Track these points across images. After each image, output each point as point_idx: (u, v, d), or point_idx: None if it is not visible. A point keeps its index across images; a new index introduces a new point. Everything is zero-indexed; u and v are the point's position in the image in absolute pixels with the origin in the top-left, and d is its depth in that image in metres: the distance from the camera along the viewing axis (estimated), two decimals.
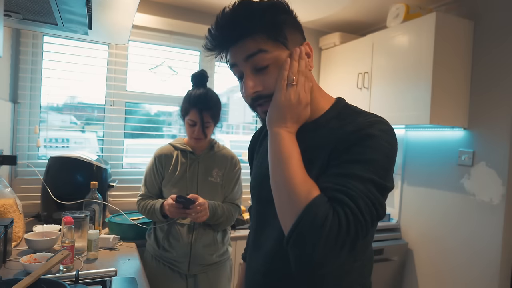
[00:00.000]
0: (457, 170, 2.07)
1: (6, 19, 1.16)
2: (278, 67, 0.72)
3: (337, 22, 2.62)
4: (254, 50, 0.71)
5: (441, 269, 2.14)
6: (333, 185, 0.63)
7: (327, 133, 0.74)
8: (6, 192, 1.53)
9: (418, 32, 1.98)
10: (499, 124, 1.87)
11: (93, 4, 1.01)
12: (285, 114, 0.72)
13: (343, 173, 0.64)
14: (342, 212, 0.60)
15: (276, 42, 0.71)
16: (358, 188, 0.62)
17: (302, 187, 0.64)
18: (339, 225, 0.59)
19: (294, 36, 0.75)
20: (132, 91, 2.34)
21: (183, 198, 1.41)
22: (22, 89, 2.04)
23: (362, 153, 0.65)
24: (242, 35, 0.71)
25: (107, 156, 2.27)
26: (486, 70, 1.96)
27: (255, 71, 0.73)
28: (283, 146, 0.69)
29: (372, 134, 0.66)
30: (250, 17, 0.70)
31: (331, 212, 0.60)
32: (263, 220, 0.85)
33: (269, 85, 0.73)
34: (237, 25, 0.71)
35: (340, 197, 0.61)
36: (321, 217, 0.59)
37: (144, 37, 2.32)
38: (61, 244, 1.33)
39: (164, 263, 1.57)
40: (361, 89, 2.37)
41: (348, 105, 0.80)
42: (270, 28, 0.71)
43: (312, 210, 0.60)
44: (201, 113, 1.50)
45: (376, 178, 0.63)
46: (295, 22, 0.77)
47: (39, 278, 0.95)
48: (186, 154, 1.60)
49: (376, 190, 0.63)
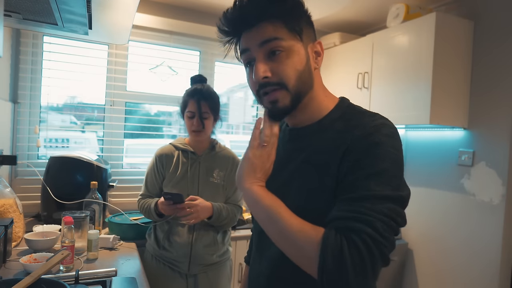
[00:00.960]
0: (457, 170, 2.07)
1: (6, 19, 1.16)
2: (289, 57, 0.72)
3: (337, 22, 2.62)
4: (271, 36, 0.71)
5: (441, 269, 2.14)
6: (347, 214, 0.63)
7: (332, 135, 0.73)
8: (6, 192, 1.53)
9: (418, 32, 1.98)
10: (499, 124, 1.87)
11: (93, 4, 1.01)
12: (256, 171, 0.75)
13: (356, 197, 0.63)
14: (359, 239, 0.59)
15: (293, 32, 0.72)
16: (373, 209, 0.61)
17: (304, 234, 0.64)
18: (359, 254, 0.59)
19: (308, 31, 0.76)
20: (132, 91, 2.34)
21: (169, 194, 1.42)
22: (22, 89, 2.04)
23: (372, 165, 0.65)
24: (261, 17, 0.71)
25: (107, 156, 2.27)
26: (486, 70, 1.96)
27: (267, 57, 0.72)
28: (264, 201, 0.71)
29: (379, 141, 0.66)
30: (272, 0, 0.70)
31: (345, 242, 0.60)
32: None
33: (278, 73, 0.72)
34: (258, 6, 0.70)
35: (355, 226, 0.61)
36: (338, 252, 0.59)
37: (144, 37, 2.32)
38: (61, 244, 1.33)
39: (164, 263, 1.57)
40: (361, 89, 2.37)
41: (352, 105, 0.79)
42: (290, 16, 0.71)
43: (327, 250, 0.60)
44: (198, 103, 1.52)
45: (390, 192, 0.63)
46: (310, 19, 0.78)
47: (39, 278, 0.95)
48: (187, 154, 1.60)
49: (393, 203, 0.63)
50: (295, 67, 0.72)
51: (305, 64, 0.74)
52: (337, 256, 0.59)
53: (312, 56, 0.76)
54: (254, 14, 0.71)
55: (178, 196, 1.42)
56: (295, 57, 0.72)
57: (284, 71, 0.71)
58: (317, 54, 0.77)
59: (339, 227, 0.62)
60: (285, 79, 0.72)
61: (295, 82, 0.72)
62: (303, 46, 0.74)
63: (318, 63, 0.77)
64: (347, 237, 0.60)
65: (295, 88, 0.72)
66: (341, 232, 0.61)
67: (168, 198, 1.43)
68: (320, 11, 2.41)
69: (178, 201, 1.43)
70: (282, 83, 0.72)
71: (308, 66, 0.74)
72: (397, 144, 0.69)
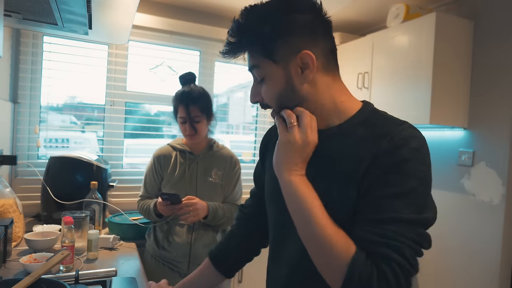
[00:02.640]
0: (457, 170, 2.07)
1: (6, 19, 1.16)
2: (267, 82, 0.73)
3: (337, 22, 2.62)
4: (250, 65, 0.75)
5: (441, 269, 2.14)
6: (374, 237, 0.61)
7: (355, 143, 0.69)
8: (6, 192, 1.53)
9: (418, 32, 1.98)
10: (499, 124, 1.87)
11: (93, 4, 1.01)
12: (292, 158, 0.70)
13: (382, 218, 0.61)
14: (389, 268, 0.58)
15: (264, 58, 0.72)
16: (401, 234, 0.60)
17: (338, 242, 0.62)
18: (388, 285, 0.58)
19: (290, 44, 0.69)
20: (132, 91, 2.34)
21: (166, 194, 1.42)
22: (22, 89, 2.04)
23: (399, 184, 0.62)
24: (239, 50, 0.74)
25: (107, 156, 2.27)
26: (486, 70, 1.96)
27: (258, 80, 0.76)
28: (302, 195, 0.67)
29: (408, 157, 0.63)
30: (243, 33, 0.73)
31: (375, 271, 0.59)
32: (285, 230, 0.81)
33: (266, 97, 0.75)
34: (236, 39, 0.73)
35: (383, 252, 0.59)
36: (366, 278, 0.58)
37: (144, 37, 2.32)
38: (61, 244, 1.33)
39: (164, 263, 1.57)
40: (361, 89, 2.37)
41: (376, 110, 0.75)
42: (257, 46, 0.72)
43: (354, 275, 0.59)
44: (187, 108, 1.50)
45: (416, 216, 0.61)
46: (302, 22, 0.70)
47: (39, 278, 0.95)
48: (185, 155, 1.60)
49: (420, 227, 0.62)
50: (273, 92, 0.73)
51: (285, 85, 0.71)
52: (365, 284, 0.58)
53: (296, 71, 0.70)
54: (236, 47, 0.74)
55: (175, 197, 1.42)
56: (271, 82, 0.73)
57: (265, 97, 0.75)
58: (305, 66, 0.70)
59: (369, 252, 0.61)
60: (268, 102, 0.76)
61: (276, 103, 0.74)
62: (280, 66, 0.71)
63: (305, 77, 0.70)
64: (377, 266, 0.59)
65: (279, 108, 0.75)
66: (371, 257, 0.60)
67: (165, 199, 1.43)
68: None
69: (176, 201, 1.43)
70: (268, 105, 0.76)
71: (289, 86, 0.71)
72: (427, 160, 0.66)
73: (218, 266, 0.98)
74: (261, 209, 0.94)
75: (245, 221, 1.02)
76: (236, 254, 1.00)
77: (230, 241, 1.01)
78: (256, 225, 0.99)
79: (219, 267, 0.98)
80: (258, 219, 0.97)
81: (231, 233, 1.03)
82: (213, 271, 0.98)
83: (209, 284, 0.99)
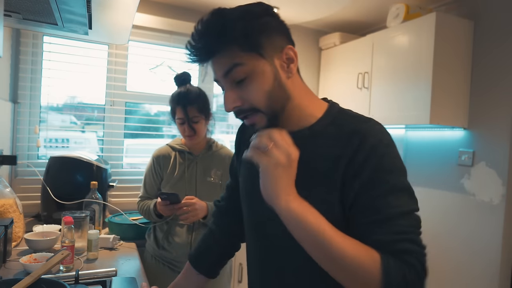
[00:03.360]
0: (457, 170, 2.07)
1: (6, 19, 1.16)
2: (253, 80, 0.68)
3: (337, 22, 2.62)
4: (229, 65, 0.68)
5: (441, 269, 2.14)
6: (389, 237, 0.62)
7: (327, 142, 0.71)
8: (6, 192, 1.53)
9: (418, 32, 1.98)
10: (499, 124, 1.87)
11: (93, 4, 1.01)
12: (283, 181, 0.65)
13: (385, 218, 0.63)
14: (415, 261, 0.61)
15: (250, 52, 0.68)
16: (408, 225, 0.63)
17: (362, 257, 0.60)
18: (418, 275, 0.61)
19: (273, 41, 0.70)
20: (132, 91, 2.34)
21: (165, 194, 1.42)
22: (22, 89, 2.04)
23: (385, 182, 0.64)
24: (214, 51, 0.68)
25: (107, 156, 2.27)
26: (486, 70, 1.96)
27: (235, 84, 0.69)
28: (308, 222, 0.63)
29: (383, 153, 0.66)
30: (221, 31, 0.67)
31: (406, 269, 0.60)
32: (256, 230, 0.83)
33: (248, 99, 0.69)
34: (208, 41, 0.68)
35: (405, 247, 0.61)
36: (402, 279, 0.59)
37: (144, 37, 2.32)
38: (61, 244, 1.33)
39: (163, 263, 1.57)
40: (361, 89, 2.37)
41: (342, 110, 0.76)
42: (242, 40, 0.67)
43: (391, 279, 0.59)
44: (185, 109, 1.50)
45: (410, 205, 0.66)
46: (276, 24, 0.72)
47: (39, 278, 0.95)
48: (184, 155, 1.60)
49: (415, 212, 0.67)
50: (262, 89, 0.68)
51: (273, 81, 0.69)
52: (403, 285, 0.59)
53: (282, 66, 0.71)
54: (207, 51, 0.69)
55: (174, 196, 1.42)
56: (259, 79, 0.68)
57: (252, 97, 0.69)
58: (290, 61, 0.71)
59: (391, 252, 0.61)
60: (255, 104, 0.69)
61: (266, 103, 0.69)
62: (268, 61, 0.69)
63: (291, 71, 0.71)
64: (406, 262, 0.60)
65: (268, 109, 0.70)
66: (397, 257, 0.61)
67: (164, 198, 1.43)
68: (320, 11, 2.41)
69: (175, 201, 1.43)
70: (254, 109, 0.70)
71: (277, 80, 0.70)
72: (397, 151, 0.69)
73: (199, 268, 0.98)
74: (237, 202, 0.93)
75: (221, 217, 1.02)
76: (216, 253, 1.00)
77: (208, 241, 1.01)
78: (233, 219, 0.98)
79: (199, 269, 0.98)
80: (235, 213, 0.97)
81: (209, 232, 1.02)
82: (195, 273, 0.98)
83: (194, 287, 0.98)
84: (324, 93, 2.76)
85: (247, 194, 0.85)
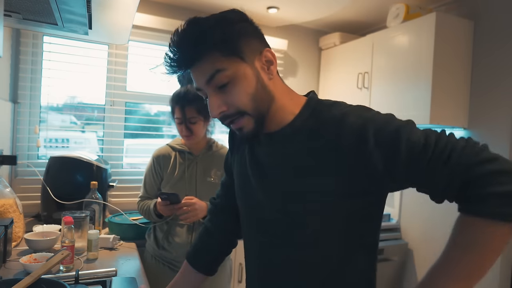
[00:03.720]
0: None
1: (6, 19, 1.16)
2: (236, 84, 0.69)
3: (337, 22, 2.62)
4: (212, 71, 0.69)
5: None
6: (459, 166, 0.61)
7: (309, 135, 0.72)
8: (6, 192, 1.53)
9: (418, 32, 1.98)
10: (499, 124, 1.87)
11: (93, 4, 1.01)
12: None
13: (425, 167, 0.63)
14: (481, 166, 0.60)
15: (231, 57, 0.69)
16: (451, 148, 0.62)
17: (482, 244, 0.60)
18: (501, 163, 0.60)
19: (252, 45, 0.72)
20: (132, 91, 2.34)
21: (165, 194, 1.42)
22: (22, 89, 2.04)
23: (406, 144, 0.63)
24: (194, 59, 0.69)
25: (107, 156, 2.27)
26: (486, 70, 1.96)
27: (218, 90, 0.71)
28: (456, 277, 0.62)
29: (372, 120, 0.67)
30: (199, 38, 0.68)
31: (489, 176, 0.59)
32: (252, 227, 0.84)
33: (233, 103, 0.70)
34: (187, 48, 0.68)
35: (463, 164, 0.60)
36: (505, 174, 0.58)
37: (144, 37, 2.32)
38: (61, 244, 1.33)
39: (164, 263, 1.57)
40: (361, 89, 2.37)
41: (320, 101, 0.77)
42: (221, 45, 0.68)
43: (501, 211, 0.58)
44: (183, 109, 1.50)
45: (432, 136, 0.64)
46: (252, 29, 0.74)
47: (39, 278, 0.95)
48: (184, 155, 1.60)
49: (430, 132, 0.65)
50: (246, 92, 0.70)
51: (256, 83, 0.71)
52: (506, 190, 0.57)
53: (262, 68, 0.73)
54: (187, 59, 0.70)
55: (174, 196, 1.42)
56: (243, 82, 0.69)
57: (237, 101, 0.70)
58: (269, 63, 0.73)
59: (468, 179, 0.60)
60: (241, 107, 0.70)
61: (252, 105, 0.70)
62: (249, 64, 0.71)
63: (271, 73, 0.73)
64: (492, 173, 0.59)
65: (254, 110, 0.71)
66: (472, 178, 0.60)
67: (164, 198, 1.43)
68: (320, 11, 2.41)
69: (175, 201, 1.43)
70: (240, 112, 0.71)
71: (260, 82, 0.71)
72: (373, 111, 0.71)
73: (197, 266, 0.98)
74: (233, 199, 0.93)
75: (217, 214, 1.02)
76: (213, 251, 1.00)
77: (204, 239, 1.01)
78: (229, 216, 0.99)
79: (197, 267, 0.98)
80: (231, 210, 0.97)
81: (205, 230, 1.02)
82: (193, 271, 0.98)
83: (193, 284, 0.99)
84: (324, 93, 2.76)
85: (243, 192, 0.86)
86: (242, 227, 0.90)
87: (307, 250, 0.74)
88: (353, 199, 0.70)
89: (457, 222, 0.65)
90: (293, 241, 0.75)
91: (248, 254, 0.88)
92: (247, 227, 0.87)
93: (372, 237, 0.76)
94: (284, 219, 0.75)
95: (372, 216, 0.75)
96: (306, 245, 0.73)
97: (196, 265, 0.98)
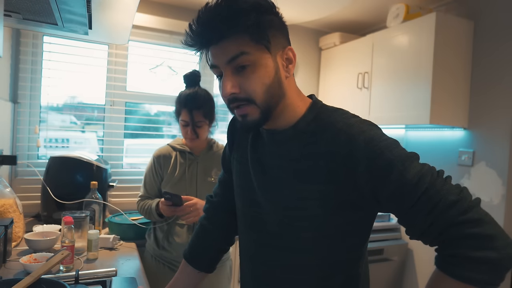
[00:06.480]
0: (457, 170, 2.07)
1: (6, 19, 1.16)
2: (255, 71, 0.69)
3: (337, 22, 2.62)
4: (236, 52, 0.68)
5: None
6: (437, 221, 0.61)
7: (310, 139, 0.72)
8: (6, 192, 1.53)
9: (418, 32, 1.98)
10: (499, 124, 1.87)
11: (93, 4, 1.01)
12: None
13: (409, 208, 0.64)
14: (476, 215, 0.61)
15: (259, 44, 0.69)
16: (439, 192, 0.63)
17: None
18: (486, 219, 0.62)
19: (277, 39, 0.72)
20: (132, 91, 2.34)
21: (169, 194, 1.42)
22: (22, 89, 2.04)
23: (397, 179, 0.64)
24: (224, 36, 0.68)
25: (107, 156, 2.27)
26: (486, 70, 1.96)
27: (235, 71, 0.70)
28: None
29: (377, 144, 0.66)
30: (234, 17, 0.66)
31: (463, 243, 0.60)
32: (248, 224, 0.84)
33: (245, 89, 0.70)
34: (219, 25, 0.67)
35: (445, 230, 0.61)
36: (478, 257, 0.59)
37: (144, 37, 2.32)
38: (61, 244, 1.33)
39: (164, 263, 1.57)
40: (361, 89, 2.37)
41: (324, 106, 0.77)
42: (253, 30, 0.67)
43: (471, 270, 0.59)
44: (191, 113, 1.49)
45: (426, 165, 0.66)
46: (281, 24, 0.74)
47: (39, 278, 0.95)
48: (185, 155, 1.60)
49: (429, 166, 0.66)
50: (262, 81, 0.69)
51: (274, 76, 0.71)
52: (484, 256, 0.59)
53: (282, 64, 0.73)
54: (216, 35, 0.68)
55: (177, 198, 1.42)
56: (261, 70, 0.69)
57: (251, 87, 0.69)
58: (289, 62, 0.74)
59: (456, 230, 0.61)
60: (253, 94, 0.70)
61: (263, 97, 0.70)
62: (272, 56, 0.71)
63: (289, 71, 0.74)
64: (474, 221, 0.60)
65: (264, 102, 0.70)
66: (459, 234, 0.60)
67: (168, 198, 1.43)
68: (320, 11, 2.41)
69: (177, 203, 1.43)
70: (249, 99, 0.70)
71: (277, 77, 0.71)
72: (380, 131, 0.70)
73: (195, 264, 0.99)
74: (230, 196, 0.93)
75: (214, 212, 1.02)
76: (210, 248, 1.00)
77: (201, 237, 1.01)
78: (226, 213, 0.99)
79: (196, 265, 0.99)
80: (227, 207, 0.97)
81: (202, 228, 1.02)
82: (192, 270, 0.99)
83: (192, 283, 0.99)
84: (324, 93, 2.76)
85: (242, 189, 0.86)
86: (238, 225, 0.90)
87: (299, 251, 0.74)
88: (344, 207, 0.70)
89: (434, 273, 0.65)
90: (286, 242, 0.75)
91: (242, 251, 0.88)
92: (242, 224, 0.87)
93: (363, 242, 0.77)
94: (278, 219, 0.75)
95: (362, 226, 0.76)
96: (298, 247, 0.74)
97: (193, 263, 0.99)
